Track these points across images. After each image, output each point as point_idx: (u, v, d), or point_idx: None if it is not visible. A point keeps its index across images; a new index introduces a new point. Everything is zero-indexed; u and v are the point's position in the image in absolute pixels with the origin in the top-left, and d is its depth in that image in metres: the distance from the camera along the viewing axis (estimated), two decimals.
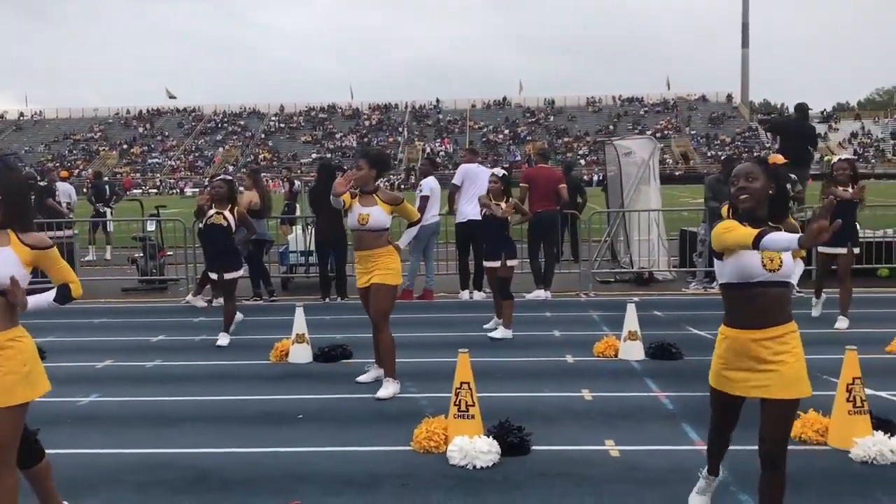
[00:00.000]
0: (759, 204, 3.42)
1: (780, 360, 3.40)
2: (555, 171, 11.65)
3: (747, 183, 3.42)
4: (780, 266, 3.36)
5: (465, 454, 4.68)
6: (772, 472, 3.52)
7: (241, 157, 77.22)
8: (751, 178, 3.43)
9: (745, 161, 3.57)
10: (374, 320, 6.25)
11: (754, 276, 3.38)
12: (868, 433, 4.75)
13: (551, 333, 8.63)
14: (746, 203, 3.42)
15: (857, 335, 8.22)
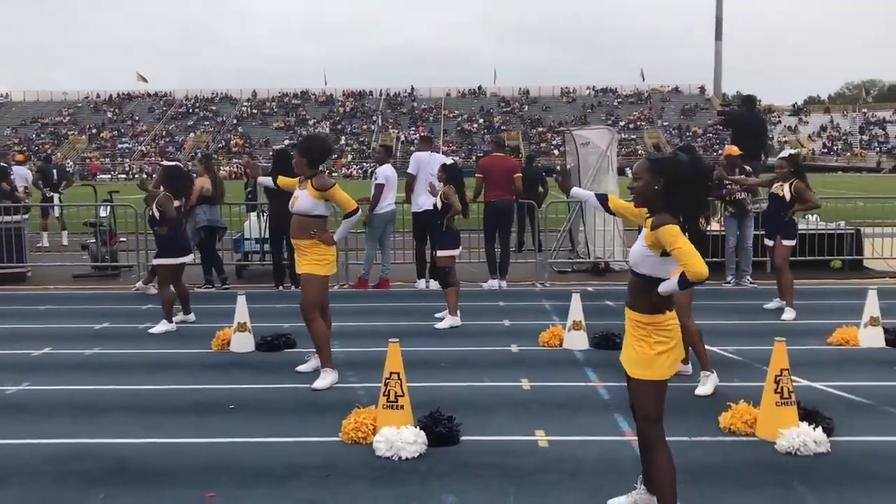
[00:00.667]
0: (647, 200, 3.54)
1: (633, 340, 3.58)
2: (510, 161, 11.60)
3: (634, 182, 3.59)
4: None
5: (390, 445, 4.62)
6: (647, 453, 3.61)
7: (213, 143, 76.37)
8: (636, 177, 3.58)
9: (641, 160, 3.66)
10: (302, 311, 6.15)
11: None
12: (795, 424, 4.76)
13: (501, 323, 8.60)
14: (635, 200, 3.62)
15: (801, 326, 8.29)
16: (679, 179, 3.50)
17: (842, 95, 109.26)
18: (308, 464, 4.56)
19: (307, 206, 6.10)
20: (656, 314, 3.47)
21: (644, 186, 3.53)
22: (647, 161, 3.59)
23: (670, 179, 3.49)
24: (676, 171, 3.52)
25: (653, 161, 3.58)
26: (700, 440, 4.91)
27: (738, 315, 9.00)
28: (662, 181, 3.47)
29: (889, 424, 5.18)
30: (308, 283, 6.15)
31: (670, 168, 3.51)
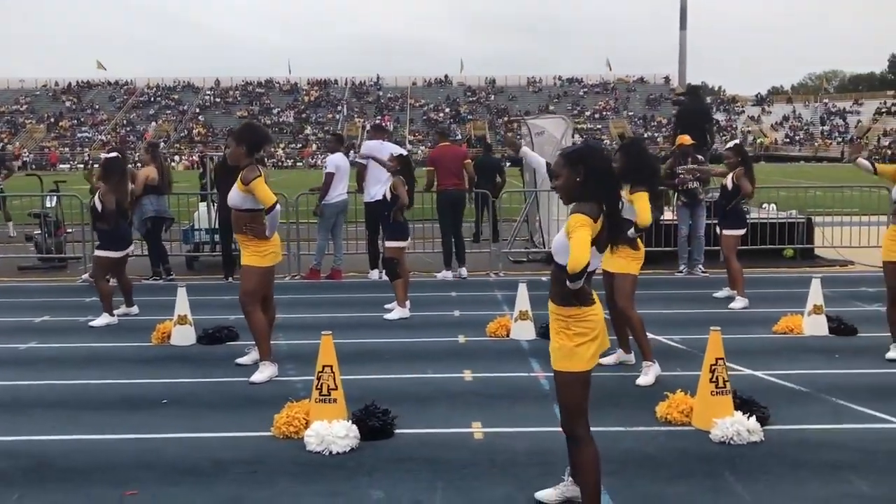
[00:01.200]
0: (572, 194, 3.48)
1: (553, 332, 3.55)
2: (458, 149, 11.53)
3: (555, 182, 3.55)
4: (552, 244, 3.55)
5: (321, 439, 4.53)
6: (573, 446, 3.56)
7: (175, 132, 75.30)
8: (556, 175, 3.54)
9: (557, 157, 3.60)
10: (240, 302, 6.02)
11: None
12: (729, 413, 4.75)
13: (451, 314, 8.53)
14: (562, 199, 3.56)
15: (748, 315, 8.34)
16: (596, 167, 3.46)
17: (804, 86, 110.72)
18: (236, 459, 4.45)
19: (236, 200, 5.97)
20: (572, 306, 3.41)
21: (566, 182, 3.48)
22: (561, 157, 3.54)
23: (588, 169, 3.44)
24: (593, 159, 3.48)
25: (567, 155, 3.52)
26: (635, 430, 4.88)
27: (689, 304, 9.03)
28: (582, 171, 3.43)
29: (823, 412, 5.20)
30: (246, 274, 6.03)
31: (587, 157, 3.48)
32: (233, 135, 6.09)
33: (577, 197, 3.46)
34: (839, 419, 5.06)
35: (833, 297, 9.23)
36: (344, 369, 6.28)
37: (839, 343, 7.05)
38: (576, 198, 3.47)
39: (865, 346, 6.86)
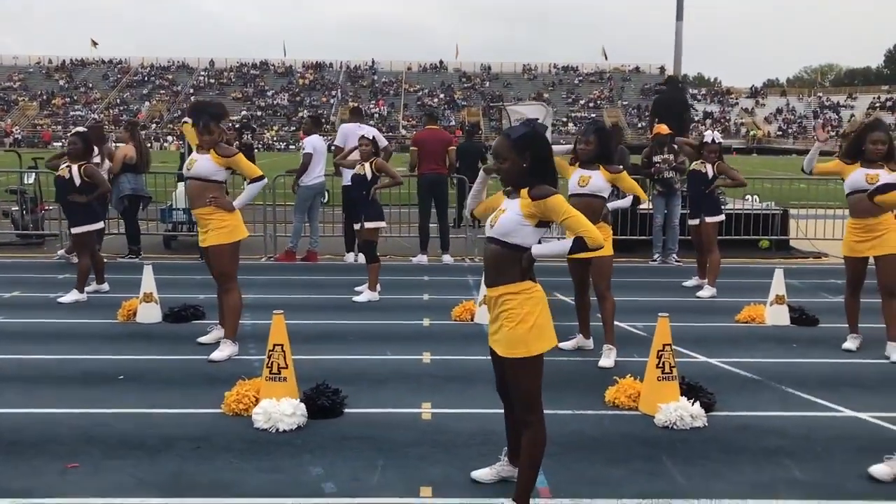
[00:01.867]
0: (517, 178, 3.46)
1: (503, 319, 3.46)
2: (444, 134, 11.54)
3: (501, 164, 3.48)
4: (495, 223, 3.46)
5: (268, 417, 4.58)
6: (523, 428, 3.53)
7: (168, 113, 74.99)
8: (501, 158, 3.48)
9: (498, 138, 3.55)
10: (218, 282, 6.04)
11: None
12: (675, 399, 4.81)
13: (420, 297, 8.57)
14: (506, 182, 3.52)
15: (715, 304, 8.41)
16: (541, 154, 3.47)
17: (800, 79, 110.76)
18: (184, 435, 4.49)
19: (209, 169, 5.95)
20: (525, 280, 3.44)
21: (512, 166, 3.44)
22: (508, 140, 3.48)
23: (536, 153, 3.45)
24: (539, 145, 3.49)
25: (516, 139, 3.47)
26: (582, 413, 4.94)
27: (659, 292, 9.08)
28: (528, 157, 3.43)
29: (770, 399, 5.26)
30: (218, 255, 6.03)
31: (534, 143, 3.48)
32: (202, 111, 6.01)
33: (519, 181, 3.46)
34: (785, 406, 5.13)
35: (802, 287, 9.33)
36: (306, 349, 6.40)
37: (799, 333, 7.12)
38: (517, 182, 3.47)
39: (824, 337, 6.94)
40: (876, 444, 4.43)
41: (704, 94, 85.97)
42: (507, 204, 3.51)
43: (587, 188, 6.01)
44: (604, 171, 6.02)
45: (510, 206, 3.47)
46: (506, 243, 3.43)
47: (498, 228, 3.45)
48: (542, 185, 3.42)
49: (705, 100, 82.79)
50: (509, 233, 3.43)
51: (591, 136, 6.06)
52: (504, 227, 3.43)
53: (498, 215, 3.48)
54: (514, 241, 3.43)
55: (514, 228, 3.41)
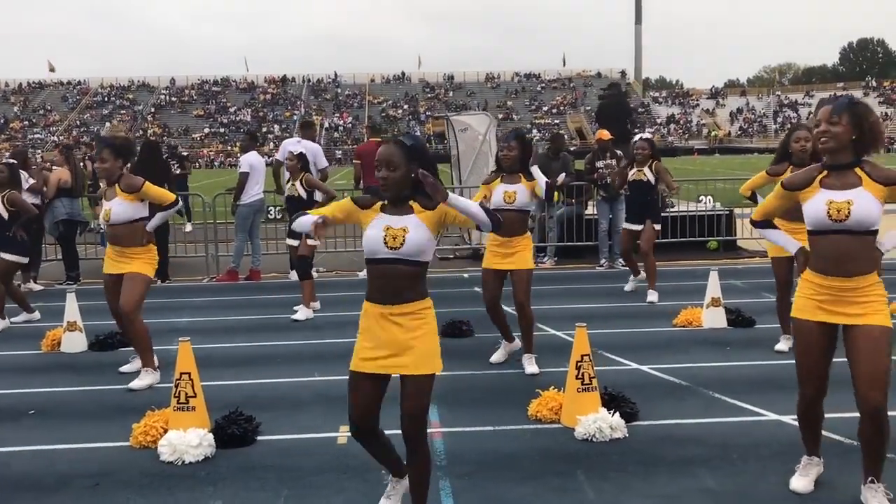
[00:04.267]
0: (404, 187, 3.30)
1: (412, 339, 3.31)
2: None
3: (389, 172, 3.27)
4: (403, 244, 3.26)
5: (174, 449, 4.42)
6: (412, 452, 3.38)
7: (130, 133, 74.06)
8: (392, 166, 3.28)
9: (386, 145, 3.34)
10: (123, 311, 5.85)
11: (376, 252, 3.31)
12: (595, 410, 4.73)
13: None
14: (386, 193, 3.32)
15: (655, 308, 8.37)
16: (431, 162, 3.37)
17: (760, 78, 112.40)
18: (84, 472, 4.31)
19: (128, 212, 5.79)
20: (427, 297, 3.34)
21: (403, 176, 3.29)
22: (398, 149, 3.32)
23: (424, 164, 3.34)
24: (428, 154, 3.40)
25: (409, 148, 3.32)
26: (503, 429, 4.84)
27: (603, 298, 9.04)
28: (417, 167, 3.30)
29: (696, 406, 5.20)
30: (135, 282, 5.82)
31: (425, 152, 3.38)
32: (110, 148, 5.82)
33: (403, 192, 3.31)
34: (708, 413, 5.06)
35: (745, 288, 9.33)
36: (231, 374, 6.24)
37: (735, 335, 7.09)
38: (400, 193, 3.31)
39: (759, 338, 6.90)
40: (794, 447, 4.35)
41: (665, 96, 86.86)
42: (396, 221, 3.31)
43: (514, 205, 5.91)
44: (525, 183, 5.95)
45: (415, 225, 3.29)
46: (418, 262, 3.29)
47: (414, 249, 3.25)
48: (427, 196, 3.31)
49: (666, 102, 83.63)
50: (424, 252, 3.30)
51: (513, 142, 5.97)
52: (418, 247, 3.26)
53: (398, 234, 3.27)
54: (427, 258, 3.32)
55: (428, 247, 3.30)
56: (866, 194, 3.41)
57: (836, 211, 3.41)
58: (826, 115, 3.41)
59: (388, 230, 3.28)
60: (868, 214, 3.38)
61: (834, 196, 3.45)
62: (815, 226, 3.50)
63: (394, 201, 3.35)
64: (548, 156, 11.41)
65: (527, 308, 5.96)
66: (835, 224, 3.42)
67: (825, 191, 3.49)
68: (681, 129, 74.53)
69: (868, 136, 3.42)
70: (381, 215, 3.36)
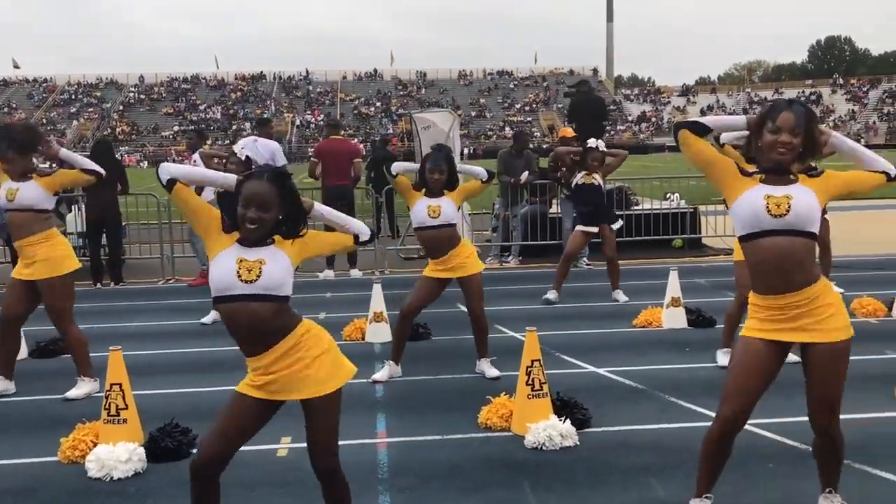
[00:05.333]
0: (269, 231, 3.02)
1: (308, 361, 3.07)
2: (348, 144, 11.26)
3: (261, 213, 2.96)
4: (258, 278, 2.97)
5: (101, 465, 4.19)
6: (330, 477, 3.18)
7: (98, 131, 73.01)
8: (264, 208, 2.96)
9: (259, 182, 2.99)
10: (54, 322, 5.57)
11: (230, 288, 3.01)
12: (546, 417, 4.57)
13: (316, 316, 8.19)
14: (254, 235, 3.00)
15: (616, 309, 8.26)
16: (297, 199, 3.11)
17: (730, 76, 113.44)
18: (5, 490, 4.08)
19: (40, 199, 5.47)
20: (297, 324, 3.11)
21: (275, 216, 3.02)
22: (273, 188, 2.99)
23: (292, 203, 3.08)
24: (295, 191, 3.13)
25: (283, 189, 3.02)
26: (452, 438, 4.67)
27: (564, 298, 8.88)
28: (287, 205, 3.05)
29: (651, 410, 5.07)
30: (49, 290, 5.47)
31: (294, 191, 3.12)
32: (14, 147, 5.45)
33: (267, 229, 3.03)
34: (663, 418, 4.93)
35: (708, 287, 9.26)
36: (175, 381, 6.01)
37: (695, 336, 6.98)
38: (267, 232, 3.03)
39: (719, 339, 6.74)
40: (747, 453, 4.25)
41: (637, 93, 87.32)
42: (251, 254, 2.99)
43: (440, 219, 5.63)
44: (449, 195, 5.67)
45: (271, 256, 3.00)
46: (278, 297, 3.00)
47: (265, 282, 2.94)
48: (297, 233, 3.10)
49: (637, 100, 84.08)
50: (282, 283, 3.01)
51: (444, 165, 5.65)
52: (274, 279, 2.97)
53: (256, 268, 2.96)
54: (286, 291, 3.03)
55: (285, 278, 3.02)
56: (804, 189, 3.15)
57: (775, 205, 3.08)
58: (790, 125, 3.09)
59: (241, 262, 2.97)
60: (809, 209, 3.09)
61: (771, 191, 3.13)
62: (752, 224, 3.13)
63: (259, 238, 3.04)
64: (511, 154, 11.29)
65: (483, 317, 5.80)
66: (774, 221, 3.08)
67: (762, 185, 3.17)
68: (652, 127, 74.92)
69: (813, 145, 3.17)
70: (235, 245, 3.03)
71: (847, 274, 9.30)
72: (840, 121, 72.89)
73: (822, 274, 3.21)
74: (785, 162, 3.16)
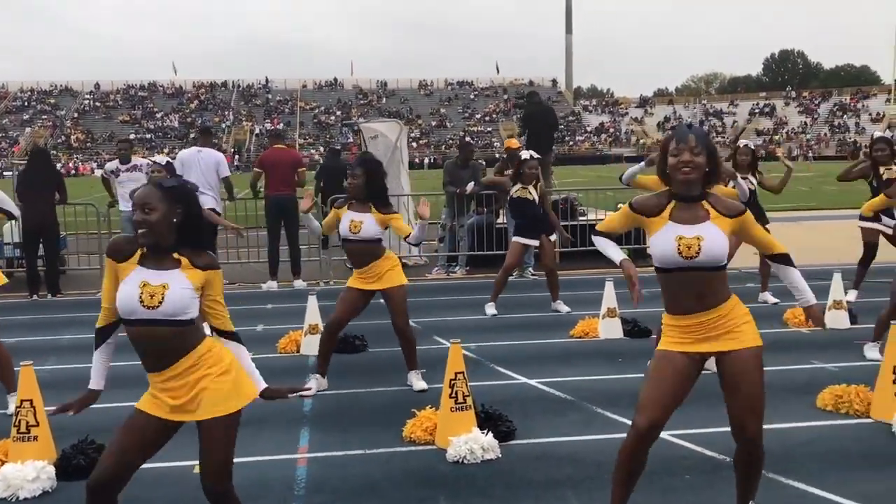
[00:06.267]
0: (164, 232, 2.94)
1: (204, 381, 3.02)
2: (291, 153, 11.16)
3: (143, 215, 2.91)
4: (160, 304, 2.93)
5: (7, 484, 4.07)
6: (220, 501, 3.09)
7: (52, 139, 71.63)
8: (147, 208, 2.91)
9: (144, 187, 3.01)
10: None
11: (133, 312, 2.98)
12: (469, 430, 4.55)
13: (253, 328, 8.12)
14: (143, 240, 2.95)
15: (555, 319, 8.27)
16: (195, 207, 3.05)
17: (687, 88, 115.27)
18: None
19: None
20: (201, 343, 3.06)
21: (161, 218, 2.92)
22: (155, 189, 2.96)
23: (188, 209, 3.00)
24: (192, 198, 3.05)
25: (168, 188, 2.97)
26: (374, 452, 4.62)
27: (506, 310, 8.88)
28: (181, 210, 2.97)
29: (574, 422, 5.08)
30: None
31: (188, 195, 3.03)
32: None
33: (167, 239, 2.96)
34: (587, 429, 4.94)
35: (647, 296, 9.27)
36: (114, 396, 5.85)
37: (630, 346, 7.03)
38: (163, 240, 2.96)
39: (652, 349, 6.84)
40: (665, 465, 4.29)
41: (595, 104, 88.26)
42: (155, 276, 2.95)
43: (360, 235, 5.57)
44: (376, 213, 5.59)
45: (175, 281, 2.94)
46: (182, 321, 2.95)
47: (167, 308, 2.90)
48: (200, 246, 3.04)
49: (596, 110, 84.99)
50: (186, 308, 2.95)
51: (358, 170, 5.61)
52: (177, 305, 2.92)
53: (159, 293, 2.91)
54: (190, 315, 2.97)
55: (188, 303, 2.96)
56: (715, 229, 3.20)
57: (686, 248, 3.17)
58: (690, 145, 3.17)
59: (144, 287, 2.93)
60: (719, 251, 3.18)
61: (683, 231, 3.20)
62: (664, 263, 3.24)
63: (154, 250, 2.98)
64: (456, 164, 11.30)
65: (407, 331, 5.76)
66: (686, 261, 3.18)
67: (673, 224, 3.23)
68: (610, 138, 75.75)
69: (716, 168, 3.25)
70: (139, 269, 2.98)
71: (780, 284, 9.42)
72: (793, 132, 74.47)
73: (761, 284, 3.29)
74: (691, 181, 3.22)
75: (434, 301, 9.49)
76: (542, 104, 13.14)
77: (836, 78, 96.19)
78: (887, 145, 8.33)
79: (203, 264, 3.01)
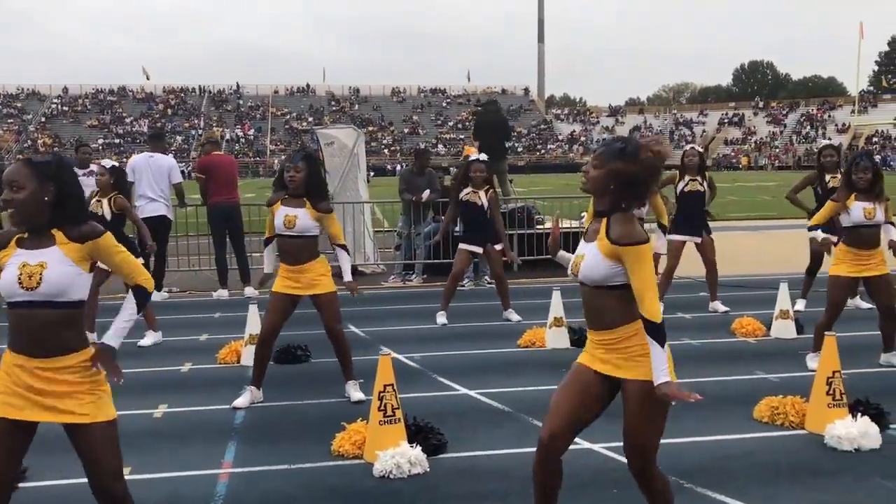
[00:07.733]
0: (33, 216, 2.85)
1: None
2: (231, 159, 11.03)
3: (12, 194, 2.82)
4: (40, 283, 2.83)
5: None
6: None
7: (17, 144, 70.52)
8: (15, 186, 2.82)
9: (14, 164, 2.92)
10: None
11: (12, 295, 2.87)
12: (397, 444, 4.45)
13: (197, 338, 7.96)
14: (15, 219, 2.86)
15: (506, 328, 8.20)
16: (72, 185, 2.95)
17: (658, 97, 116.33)
18: None
19: None
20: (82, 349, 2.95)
21: (31, 196, 2.83)
22: (25, 167, 2.87)
23: (63, 186, 2.89)
24: (68, 173, 2.95)
25: (38, 164, 2.88)
26: (300, 467, 4.50)
27: (460, 318, 8.80)
28: (54, 188, 2.86)
29: (509, 434, 5.00)
30: None
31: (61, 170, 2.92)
32: None
33: (39, 218, 2.87)
34: (522, 442, 4.84)
35: None
36: None
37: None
38: (36, 220, 2.87)
39: None
40: (597, 478, 4.24)
41: (567, 113, 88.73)
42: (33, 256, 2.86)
43: (294, 229, 5.45)
44: (310, 209, 5.47)
45: (53, 259, 2.84)
46: (66, 302, 2.86)
47: (46, 288, 2.80)
48: (78, 223, 2.90)
49: (568, 119, 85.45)
50: (68, 287, 2.85)
51: (300, 163, 5.49)
52: (58, 285, 2.82)
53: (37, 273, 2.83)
54: (74, 297, 2.87)
55: (71, 281, 2.86)
56: (595, 250, 3.09)
57: (575, 265, 3.21)
58: (594, 157, 3.15)
59: (23, 267, 2.82)
60: (593, 271, 3.09)
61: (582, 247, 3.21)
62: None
63: (31, 230, 2.90)
64: (412, 172, 11.22)
65: (339, 332, 5.65)
66: (575, 277, 3.22)
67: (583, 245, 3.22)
68: (581, 147, 76.14)
69: (627, 191, 3.08)
70: (18, 251, 2.88)
71: (731, 293, 9.46)
72: (761, 142, 75.36)
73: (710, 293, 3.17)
74: (585, 189, 3.21)
75: (388, 310, 9.38)
76: (497, 114, 13.07)
77: (804, 89, 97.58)
78: (835, 152, 8.40)
79: (79, 235, 2.88)
